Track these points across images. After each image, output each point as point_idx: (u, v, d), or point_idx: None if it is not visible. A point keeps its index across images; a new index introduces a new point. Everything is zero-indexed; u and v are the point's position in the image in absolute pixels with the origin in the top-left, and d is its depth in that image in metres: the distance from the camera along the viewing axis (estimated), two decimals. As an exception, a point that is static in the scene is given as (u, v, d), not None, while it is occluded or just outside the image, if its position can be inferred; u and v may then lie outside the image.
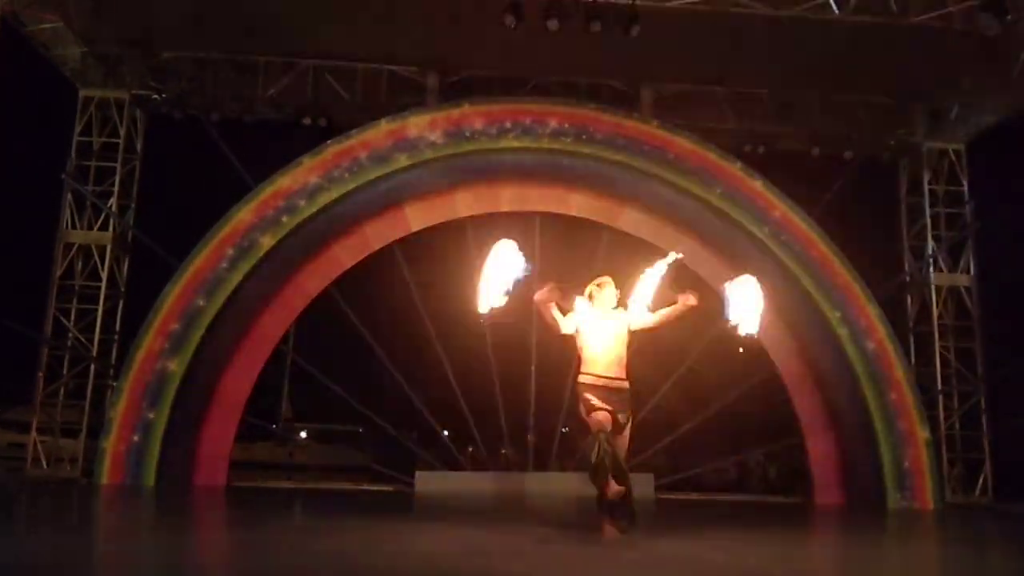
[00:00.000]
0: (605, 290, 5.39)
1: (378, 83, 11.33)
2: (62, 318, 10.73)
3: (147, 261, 10.78)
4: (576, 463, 9.83)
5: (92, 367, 10.69)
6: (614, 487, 4.99)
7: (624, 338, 5.33)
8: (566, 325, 5.36)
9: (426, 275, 10.76)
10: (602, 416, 5.10)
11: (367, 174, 10.01)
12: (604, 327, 5.31)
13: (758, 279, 5.54)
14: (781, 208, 10.33)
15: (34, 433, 10.61)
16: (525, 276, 5.13)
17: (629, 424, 5.31)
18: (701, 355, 10.40)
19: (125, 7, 10.04)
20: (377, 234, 10.21)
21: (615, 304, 5.38)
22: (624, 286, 5.47)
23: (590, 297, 5.41)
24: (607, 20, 9.26)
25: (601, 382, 5.21)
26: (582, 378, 5.28)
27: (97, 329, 10.73)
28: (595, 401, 5.15)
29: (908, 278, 11.94)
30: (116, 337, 10.89)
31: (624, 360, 5.30)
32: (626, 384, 5.30)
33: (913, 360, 11.26)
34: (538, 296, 5.27)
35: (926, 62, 10.36)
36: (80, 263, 10.88)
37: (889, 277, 11.60)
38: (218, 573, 3.88)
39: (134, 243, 11.18)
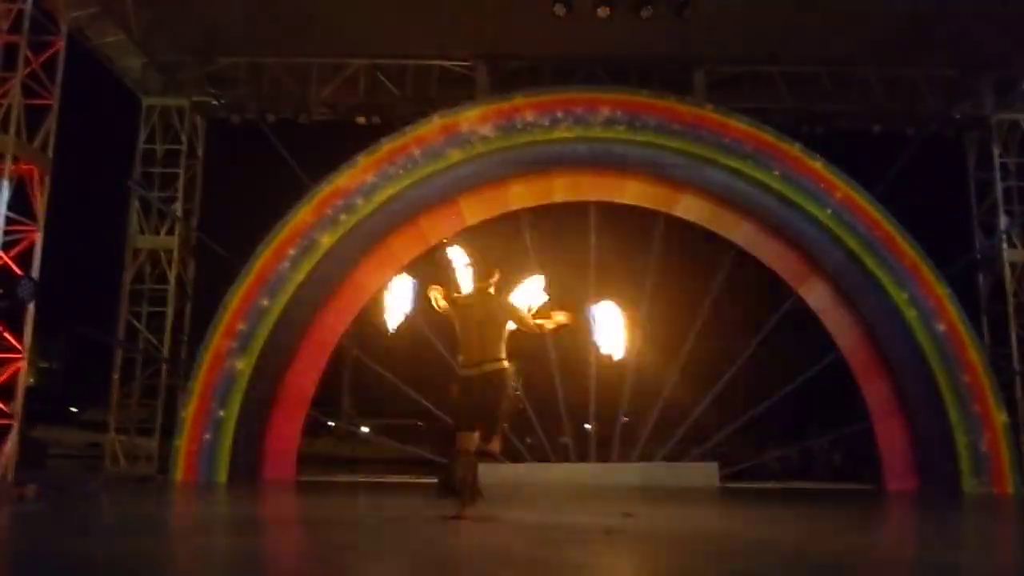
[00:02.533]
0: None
1: (428, 79, 11.42)
2: (134, 321, 11.11)
3: (212, 263, 11.09)
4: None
5: (164, 368, 11.04)
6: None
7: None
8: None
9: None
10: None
11: (421, 170, 10.11)
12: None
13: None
14: (843, 189, 10.08)
15: (112, 432, 11.02)
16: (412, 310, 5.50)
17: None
18: (763, 342, 10.24)
19: (183, 17, 10.32)
20: (433, 228, 10.28)
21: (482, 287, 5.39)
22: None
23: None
24: (658, 5, 9.14)
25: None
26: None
27: (167, 331, 11.08)
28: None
29: (979, 255, 11.53)
30: (185, 338, 11.23)
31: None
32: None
33: (987, 340, 10.87)
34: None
35: (992, 30, 9.96)
36: (149, 267, 11.24)
37: (959, 255, 11.21)
38: (298, 569, 3.98)
39: (199, 246, 11.50)
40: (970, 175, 11.78)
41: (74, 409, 18.18)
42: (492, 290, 5.39)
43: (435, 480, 5.52)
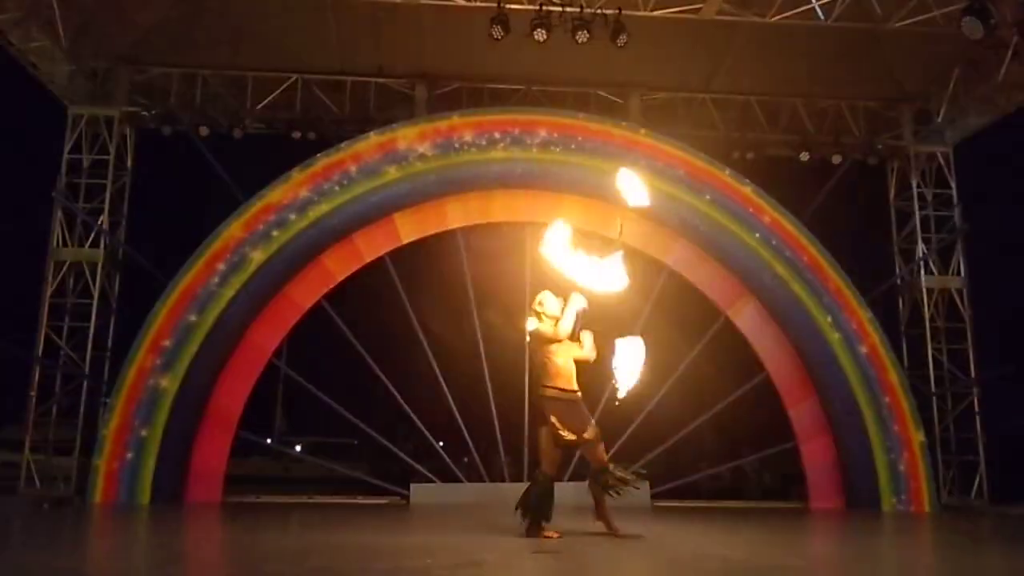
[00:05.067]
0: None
1: (367, 96, 11.37)
2: (54, 336, 10.69)
3: (138, 277, 10.77)
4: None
5: (85, 384, 10.64)
6: (551, 532, 5.49)
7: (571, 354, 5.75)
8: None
9: (418, 286, 10.78)
10: (555, 457, 5.58)
11: (357, 187, 10.03)
12: (567, 343, 5.72)
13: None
14: (771, 213, 10.38)
15: (27, 452, 10.56)
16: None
17: (596, 431, 5.64)
18: (694, 361, 10.43)
19: (112, 24, 10.07)
20: (368, 246, 10.22)
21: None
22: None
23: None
24: (594, 30, 9.31)
25: (567, 396, 5.60)
26: (550, 392, 5.62)
27: (89, 346, 10.69)
28: (562, 430, 5.49)
29: (899, 281, 11.98)
30: (108, 354, 10.85)
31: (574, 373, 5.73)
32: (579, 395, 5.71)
33: (906, 363, 11.27)
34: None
35: (911, 66, 10.45)
36: (71, 280, 10.85)
37: (880, 280, 11.63)
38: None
39: (125, 260, 11.16)
40: (891, 203, 12.26)
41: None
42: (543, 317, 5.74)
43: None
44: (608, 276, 5.69)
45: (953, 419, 11.28)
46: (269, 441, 16.30)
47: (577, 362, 5.75)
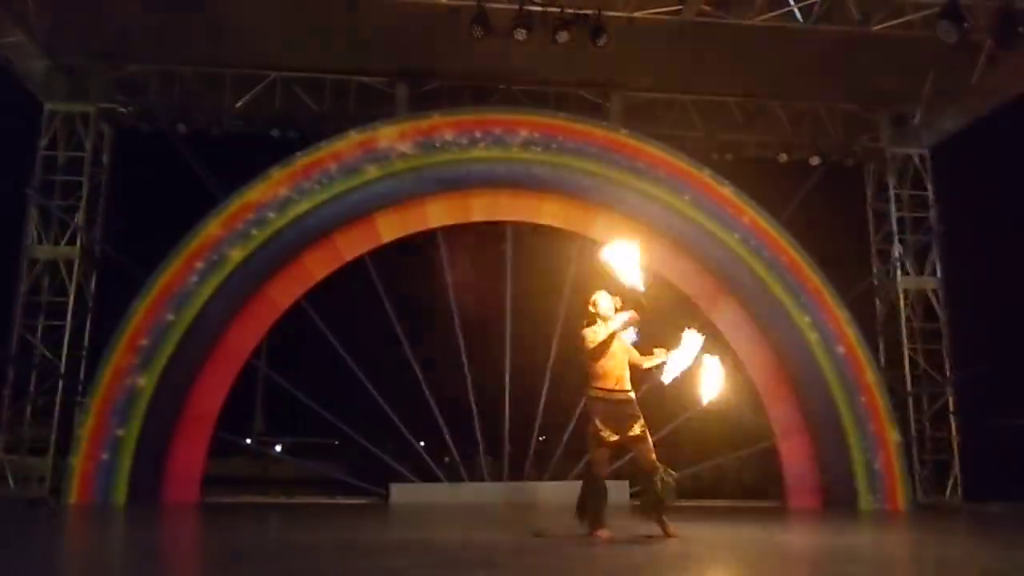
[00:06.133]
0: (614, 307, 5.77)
1: (347, 94, 11.32)
2: (28, 335, 10.56)
3: (115, 276, 10.67)
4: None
5: (60, 384, 10.52)
6: (603, 532, 5.51)
7: (627, 351, 5.77)
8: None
9: (399, 286, 10.75)
10: (600, 457, 5.58)
11: (337, 185, 9.99)
12: (624, 345, 5.74)
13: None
14: (750, 214, 10.45)
15: (1, 452, 10.41)
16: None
17: (643, 429, 5.66)
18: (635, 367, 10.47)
19: (90, 20, 9.95)
20: (348, 245, 10.18)
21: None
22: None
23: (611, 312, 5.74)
24: (574, 31, 9.33)
25: (613, 396, 5.60)
26: (593, 392, 5.63)
27: (65, 345, 10.57)
28: (603, 431, 5.51)
29: (875, 282, 12.10)
30: (84, 353, 10.72)
31: (628, 373, 5.71)
32: (632, 395, 5.71)
33: (882, 363, 11.40)
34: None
35: (889, 70, 10.55)
36: (47, 279, 10.72)
37: (857, 281, 11.75)
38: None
39: (102, 258, 11.04)
40: (868, 205, 12.39)
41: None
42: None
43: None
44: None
45: (929, 419, 11.42)
46: (248, 441, 16.21)
47: (632, 366, 5.77)
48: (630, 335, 5.82)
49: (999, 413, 11.70)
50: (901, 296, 11.73)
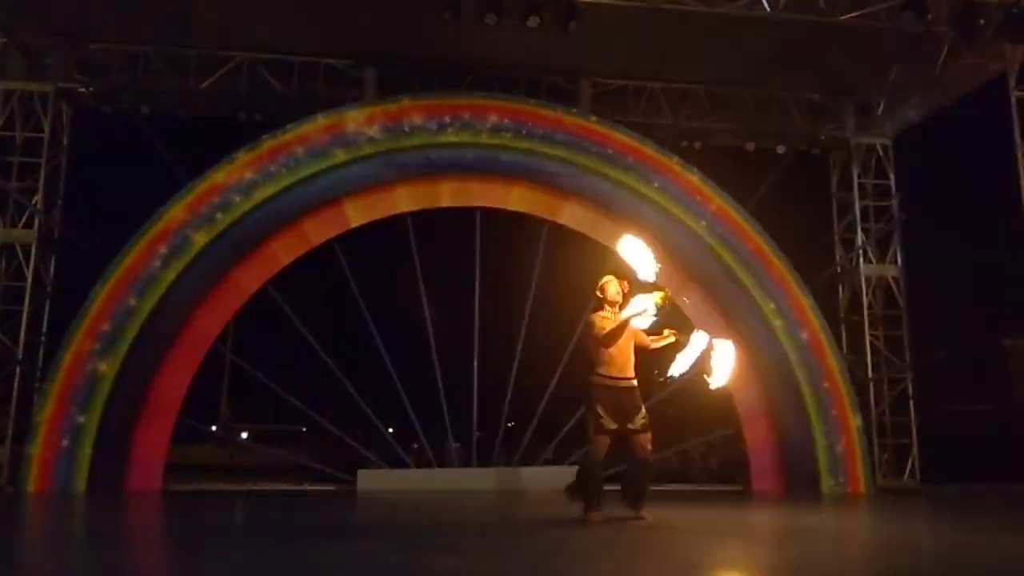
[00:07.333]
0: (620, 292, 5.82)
1: (314, 77, 11.16)
2: (-16, 320, 10.30)
3: (75, 260, 10.44)
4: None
5: (18, 370, 10.28)
6: (596, 515, 5.57)
7: (633, 335, 5.76)
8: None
9: (366, 271, 10.68)
10: (601, 443, 5.58)
11: (304, 169, 9.88)
12: (631, 329, 5.73)
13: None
14: (717, 202, 10.54)
15: (-45, 440, 10.16)
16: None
17: (645, 422, 5.68)
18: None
19: (48, -4, 9.67)
20: (316, 230, 10.08)
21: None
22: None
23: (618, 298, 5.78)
24: (545, 15, 9.30)
25: (617, 384, 5.61)
26: (597, 379, 5.64)
27: (23, 330, 10.32)
28: (604, 418, 5.53)
29: (839, 269, 12.30)
30: (43, 339, 10.50)
31: (633, 359, 5.72)
32: (635, 383, 5.71)
33: (844, 348, 11.60)
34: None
35: (853, 59, 10.68)
36: (3, 262, 10.45)
37: (821, 268, 11.93)
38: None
39: (61, 241, 10.80)
40: (832, 193, 12.57)
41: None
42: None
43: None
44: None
45: (889, 403, 11.66)
46: (214, 428, 16.04)
47: (640, 347, 5.76)
48: (648, 319, 5.75)
49: (955, 398, 12.03)
50: (863, 283, 11.93)
